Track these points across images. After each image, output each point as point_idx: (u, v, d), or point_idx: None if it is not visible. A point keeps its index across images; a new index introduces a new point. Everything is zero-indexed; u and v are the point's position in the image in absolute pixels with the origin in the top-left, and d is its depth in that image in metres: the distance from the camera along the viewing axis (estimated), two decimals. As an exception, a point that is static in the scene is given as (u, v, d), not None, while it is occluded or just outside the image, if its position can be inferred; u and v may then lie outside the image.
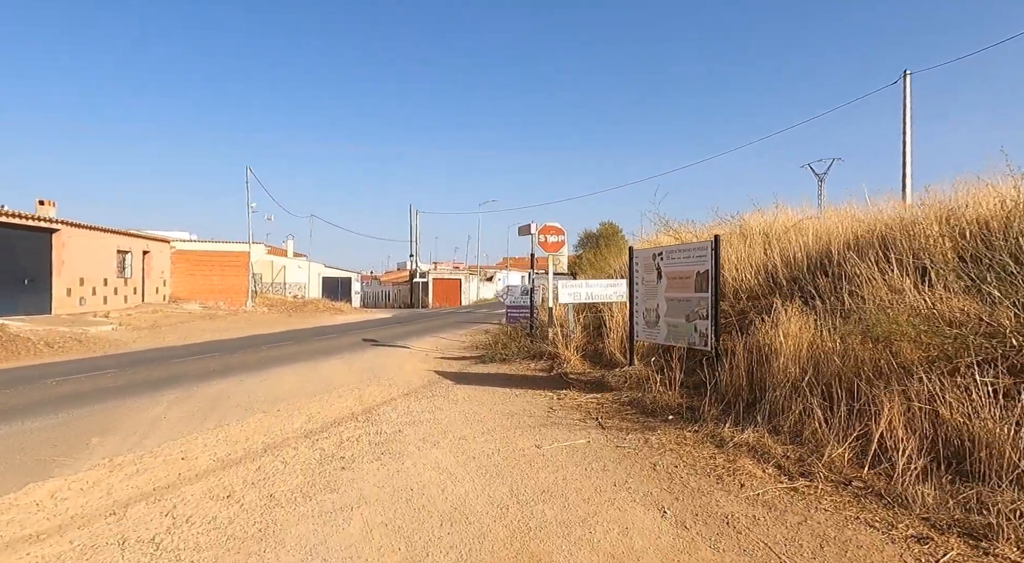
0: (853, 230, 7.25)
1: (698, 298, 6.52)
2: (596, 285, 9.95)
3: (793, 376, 5.07)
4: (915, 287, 5.25)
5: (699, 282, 6.52)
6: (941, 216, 6.33)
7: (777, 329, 5.94)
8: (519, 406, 6.65)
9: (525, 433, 5.37)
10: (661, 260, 7.25)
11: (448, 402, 7.05)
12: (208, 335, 16.84)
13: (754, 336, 6.50)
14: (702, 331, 6.43)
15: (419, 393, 7.72)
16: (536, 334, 11.41)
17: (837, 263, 6.88)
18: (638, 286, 7.79)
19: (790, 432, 4.51)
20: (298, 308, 29.79)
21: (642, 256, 7.73)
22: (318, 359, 11.35)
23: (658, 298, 7.29)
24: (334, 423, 6.06)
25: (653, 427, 5.22)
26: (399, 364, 10.58)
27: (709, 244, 6.36)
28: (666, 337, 7.14)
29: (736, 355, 5.72)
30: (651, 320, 7.44)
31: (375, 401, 7.25)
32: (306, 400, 7.27)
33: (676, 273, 6.93)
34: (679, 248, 6.94)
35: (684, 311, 6.75)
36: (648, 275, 7.54)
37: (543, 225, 10.92)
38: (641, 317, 7.68)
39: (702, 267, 6.47)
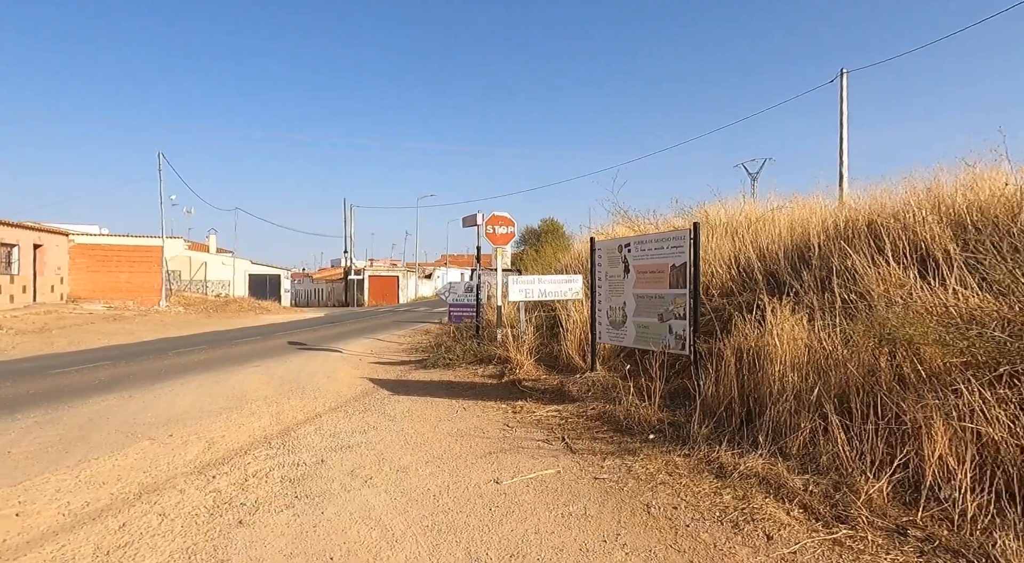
0: (834, 219, 6.69)
1: (673, 295, 5.76)
2: (549, 281, 9.12)
3: (793, 386, 4.36)
4: (923, 282, 4.66)
5: (674, 276, 5.76)
6: (928, 204, 5.83)
7: (766, 330, 5.24)
8: (469, 423, 5.69)
9: (479, 461, 4.42)
10: (628, 252, 6.46)
11: (385, 418, 6.01)
12: (107, 339, 14.92)
13: (736, 338, 5.80)
14: (678, 332, 5.67)
15: (350, 407, 6.63)
16: (483, 335, 10.46)
17: (820, 255, 6.30)
18: (601, 282, 6.99)
19: (801, 456, 3.77)
20: (219, 308, 27.59)
21: (606, 248, 6.92)
22: (233, 367, 9.97)
23: (625, 295, 6.50)
24: (240, 451, 4.91)
25: (633, 450, 4.38)
26: (328, 371, 9.38)
27: (687, 233, 5.61)
28: (635, 339, 6.35)
29: (724, 361, 4.97)
30: (617, 320, 6.65)
31: (296, 419, 6.12)
32: (209, 420, 6.04)
33: (647, 267, 6.15)
34: (650, 238, 6.17)
35: (656, 310, 5.98)
36: (613, 269, 6.74)
37: (491, 215, 9.99)
38: (605, 317, 6.88)
39: (678, 260, 5.71)
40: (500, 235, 9.96)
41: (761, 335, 5.43)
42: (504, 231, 9.98)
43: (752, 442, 4.06)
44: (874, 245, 5.65)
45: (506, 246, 10.09)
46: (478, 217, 10.54)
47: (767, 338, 5.21)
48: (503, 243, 10.02)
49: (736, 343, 5.56)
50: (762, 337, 5.37)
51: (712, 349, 5.56)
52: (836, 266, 5.77)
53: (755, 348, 5.17)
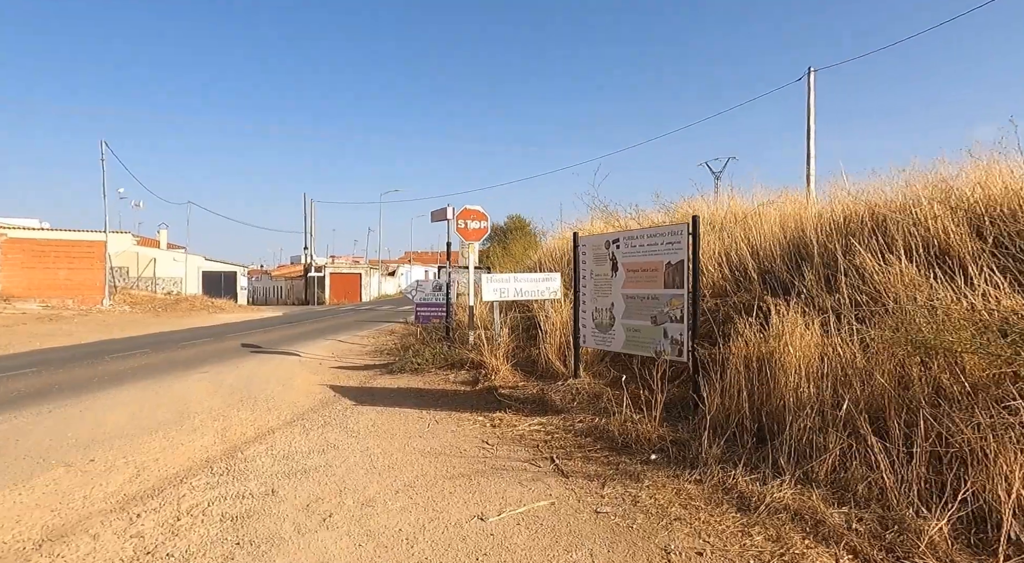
0: (832, 213, 6.31)
1: (669, 296, 5.26)
2: (526, 279, 8.56)
3: (811, 398, 3.90)
4: (946, 282, 4.26)
5: (670, 275, 5.27)
6: (939, 197, 5.49)
7: (771, 335, 4.79)
8: (443, 439, 5.09)
9: (458, 489, 3.83)
10: (617, 249, 5.95)
11: (347, 435, 5.36)
12: (39, 341, 13.72)
13: (737, 343, 5.34)
14: (675, 337, 5.18)
15: (308, 421, 5.94)
16: (454, 338, 9.83)
17: (820, 252, 5.90)
18: (585, 281, 6.46)
19: (832, 482, 3.30)
20: (169, 306, 26.16)
21: (591, 244, 6.40)
22: (177, 373, 9.10)
23: (613, 295, 5.99)
24: (175, 479, 4.20)
25: (635, 473, 3.85)
26: (284, 378, 8.62)
27: (684, 228, 5.12)
28: (624, 344, 5.85)
29: (729, 369, 4.49)
30: (603, 322, 6.13)
31: (245, 436, 5.41)
32: (142, 440, 5.28)
33: (638, 265, 5.65)
34: (642, 233, 5.66)
35: (649, 312, 5.48)
36: (599, 267, 6.22)
37: (462, 208, 9.37)
38: (590, 319, 6.35)
39: (674, 257, 5.22)
40: (472, 230, 9.35)
41: (765, 340, 4.99)
42: (476, 226, 9.37)
43: (772, 465, 3.58)
44: (882, 241, 5.26)
45: (478, 242, 9.48)
46: (448, 211, 9.90)
47: (774, 344, 4.76)
48: (475, 239, 9.41)
49: (738, 349, 5.10)
50: (766, 342, 4.93)
51: (712, 356, 5.09)
52: (842, 264, 5.37)
53: (761, 355, 4.71)
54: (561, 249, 12.03)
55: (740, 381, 4.36)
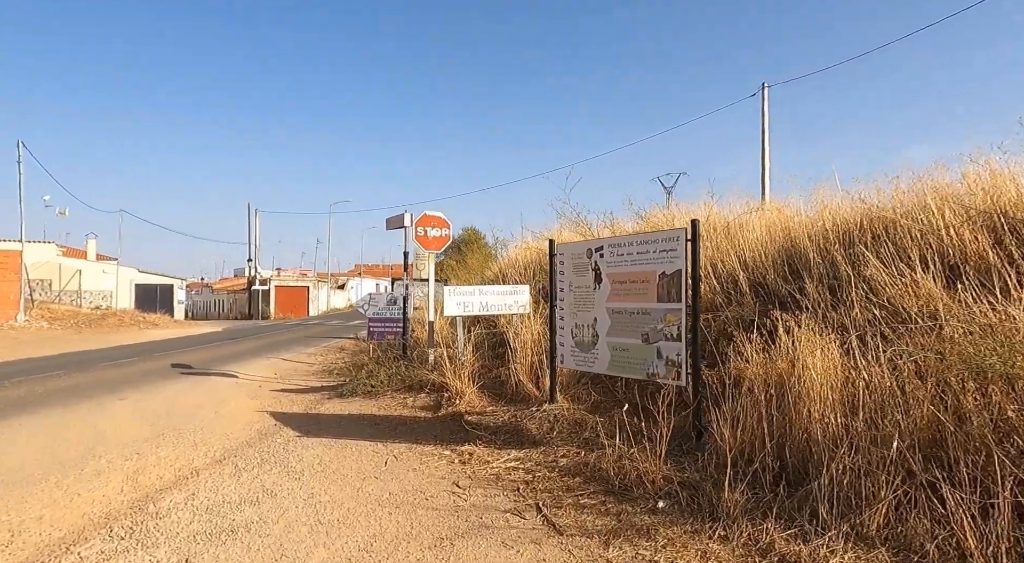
0: (829, 222, 5.89)
1: (663, 310, 4.67)
2: (492, 292, 7.88)
3: (838, 431, 3.36)
4: (983, 295, 3.82)
5: (664, 287, 4.68)
6: (945, 204, 5.12)
7: (781, 354, 4.26)
8: (405, 480, 4.32)
9: (427, 557, 3.08)
10: (600, 257, 5.34)
11: (288, 476, 4.53)
12: (-68, 363, 12.12)
13: (739, 363, 4.80)
14: (671, 358, 4.59)
15: (242, 458, 5.07)
16: (412, 356, 9.01)
17: (819, 263, 5.45)
18: (563, 294, 5.83)
19: (891, 540, 2.72)
20: (95, 322, 24.21)
21: (569, 253, 5.78)
22: (91, 400, 7.97)
23: (596, 310, 5.37)
24: (59, 548, 3.31)
25: (643, 528, 3.20)
26: (218, 404, 7.64)
27: (681, 234, 4.55)
28: (610, 365, 5.22)
29: (741, 395, 3.91)
30: (584, 340, 5.50)
31: (162, 481, 4.51)
32: (27, 490, 4.31)
33: (626, 275, 5.05)
34: (631, 240, 5.07)
35: (640, 329, 4.88)
36: (579, 278, 5.60)
37: (422, 215, 8.63)
38: (569, 336, 5.71)
39: (669, 266, 4.64)
40: (433, 238, 8.62)
41: (771, 360, 4.46)
42: (437, 234, 8.64)
43: (810, 516, 2.99)
44: (891, 250, 4.83)
45: (439, 251, 8.75)
46: (405, 218, 9.15)
47: (784, 365, 4.23)
48: (436, 248, 8.67)
49: (743, 371, 4.55)
50: (773, 362, 4.40)
51: (710, 378, 4.53)
52: (848, 276, 4.92)
53: (770, 378, 4.17)
54: (526, 260, 11.43)
55: (755, 409, 3.78)
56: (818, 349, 3.87)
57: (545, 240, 10.75)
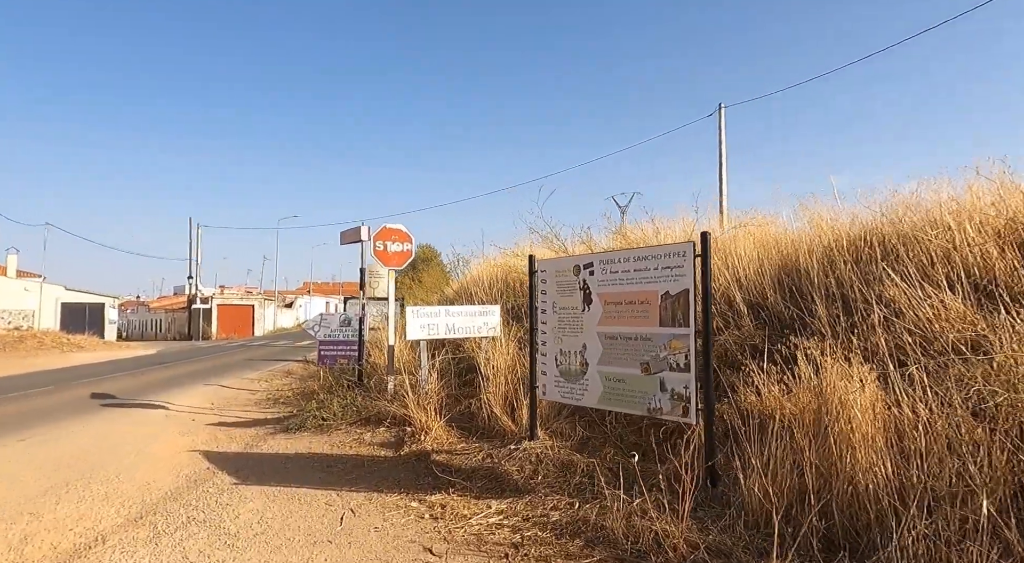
0: (837, 237, 5.48)
1: (667, 336, 4.10)
2: (460, 313, 7.21)
3: (891, 484, 2.83)
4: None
5: (668, 309, 4.12)
6: (962, 220, 4.78)
7: (801, 387, 3.76)
8: (365, 546, 3.58)
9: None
10: (590, 275, 4.76)
11: (219, 542, 3.71)
12: None
13: (747, 396, 4.28)
14: (678, 391, 4.01)
15: (162, 516, 4.21)
16: (369, 385, 8.19)
17: (824, 283, 5.02)
18: (545, 316, 5.21)
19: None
20: (10, 345, 22.19)
21: (553, 269, 5.17)
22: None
23: (585, 335, 4.77)
24: None
25: (674, 613, 2.57)
26: (141, 442, 6.65)
27: (689, 248, 4.01)
28: (601, 398, 4.61)
29: (770, 437, 3.35)
30: (571, 369, 4.88)
31: (55, 553, 3.61)
32: None
33: (622, 296, 4.48)
34: (627, 256, 4.51)
35: (639, 356, 4.30)
36: (565, 298, 4.99)
37: (381, 228, 7.90)
38: (552, 364, 5.09)
39: (674, 285, 4.09)
40: (393, 254, 7.88)
41: (789, 392, 3.95)
42: (398, 248, 7.92)
43: (885, 597, 2.42)
44: (912, 269, 4.42)
45: (400, 267, 8.02)
46: (362, 231, 8.40)
47: (807, 399, 3.72)
48: (397, 264, 7.94)
49: (751, 404, 4.03)
50: (793, 396, 3.89)
51: (720, 413, 3.98)
52: (861, 295, 4.48)
53: (800, 415, 3.64)
54: (491, 277, 10.79)
55: (788, 454, 3.23)
56: (855, 381, 3.36)
57: (514, 256, 10.18)
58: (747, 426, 3.67)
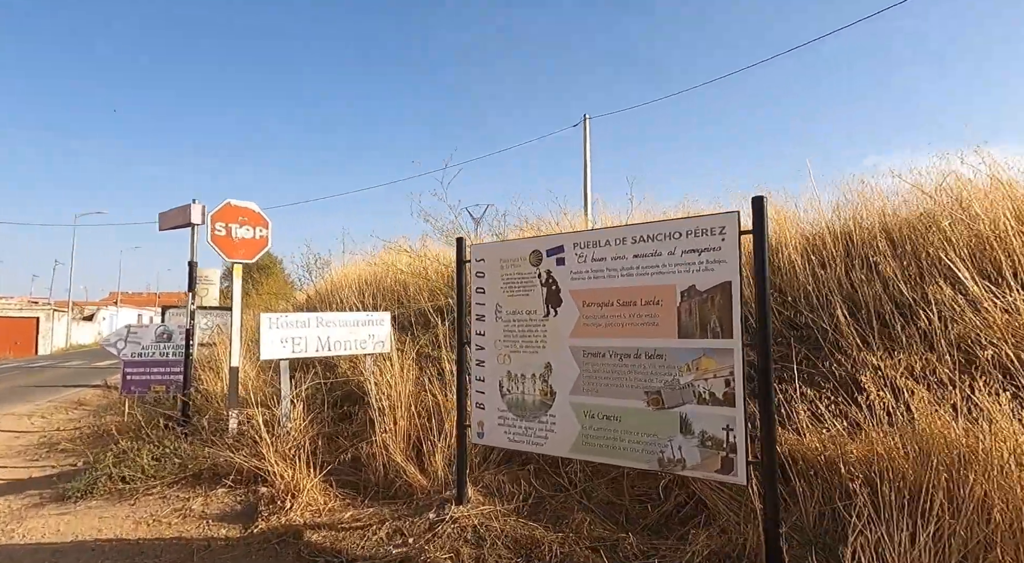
0: (842, 229, 4.61)
1: (694, 352, 2.84)
2: (338, 323, 5.46)
3: None
4: None
5: (694, 313, 2.86)
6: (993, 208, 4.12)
7: (906, 426, 2.71)
8: None
9: None
10: (558, 264, 3.38)
11: None
12: None
13: (786, 435, 3.17)
14: (713, 434, 2.74)
15: None
16: (200, 423, 5.97)
17: (842, 282, 4.11)
18: (483, 323, 3.72)
19: None
20: None
21: (496, 257, 3.71)
22: None
23: (549, 351, 3.37)
24: None
25: None
26: None
27: (731, 221, 2.79)
28: (578, 444, 3.22)
29: (887, 509, 2.19)
30: (527, 400, 3.45)
31: None
32: None
33: (614, 294, 3.15)
34: (625, 235, 3.17)
35: (644, 382, 2.99)
36: (517, 299, 3.56)
37: (223, 205, 5.85)
38: (496, 392, 3.61)
39: (704, 277, 2.84)
40: (240, 241, 5.86)
41: (857, 430, 2.89)
42: (248, 234, 5.91)
43: None
44: (946, 265, 3.61)
45: (251, 261, 6.01)
46: (193, 211, 6.25)
47: (897, 441, 2.68)
48: (248, 256, 5.92)
49: (790, 447, 2.92)
50: (861, 435, 2.83)
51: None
52: (909, 300, 3.59)
53: (897, 463, 2.56)
54: (365, 277, 8.99)
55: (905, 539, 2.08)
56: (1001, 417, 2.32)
57: (399, 251, 8.49)
58: (799, 479, 2.52)
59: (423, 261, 7.79)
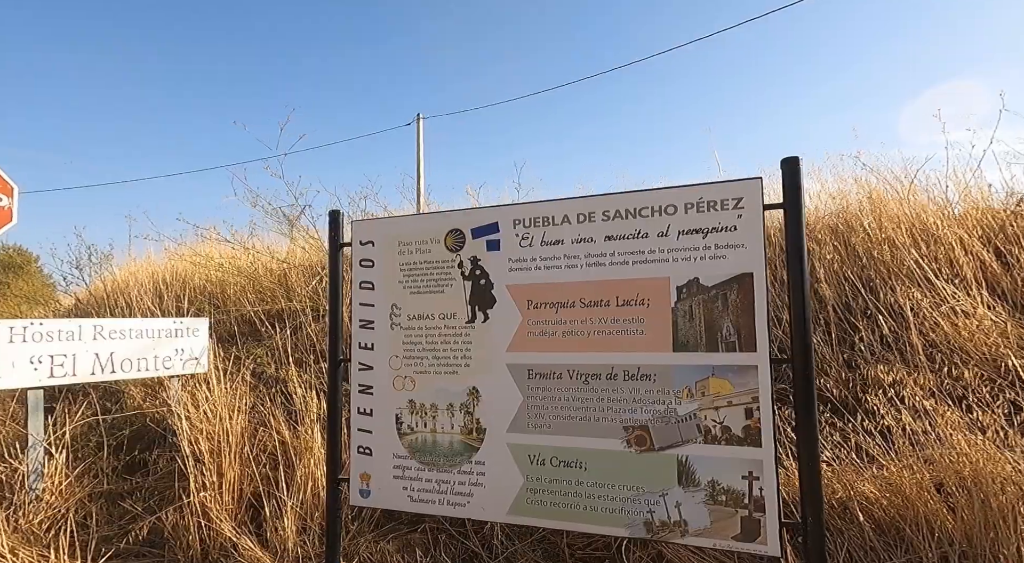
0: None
1: (698, 370, 2.08)
2: (124, 332, 3.92)
3: None
4: None
5: (696, 318, 2.11)
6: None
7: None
8: None
9: None
10: (490, 248, 2.44)
11: None
12: None
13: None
14: (727, 485, 2.00)
15: None
16: None
17: (838, 283, 3.68)
18: (373, 331, 2.64)
19: None
20: None
21: (394, 238, 2.64)
22: None
23: (473, 371, 2.41)
24: None
25: None
26: None
27: (752, 189, 2.08)
28: (520, 502, 2.30)
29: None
30: (440, 442, 2.45)
31: None
32: None
33: (575, 290, 2.29)
34: (595, 208, 2.31)
35: (622, 413, 2.17)
36: (422, 298, 2.54)
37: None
38: (391, 432, 2.54)
39: (713, 267, 2.10)
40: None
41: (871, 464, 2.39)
42: (-20, 203, 4.07)
43: None
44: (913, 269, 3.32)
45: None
46: None
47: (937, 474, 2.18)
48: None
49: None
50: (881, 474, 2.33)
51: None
52: (893, 304, 3.22)
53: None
54: (166, 275, 7.11)
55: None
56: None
57: (219, 241, 6.81)
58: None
59: (251, 255, 6.29)
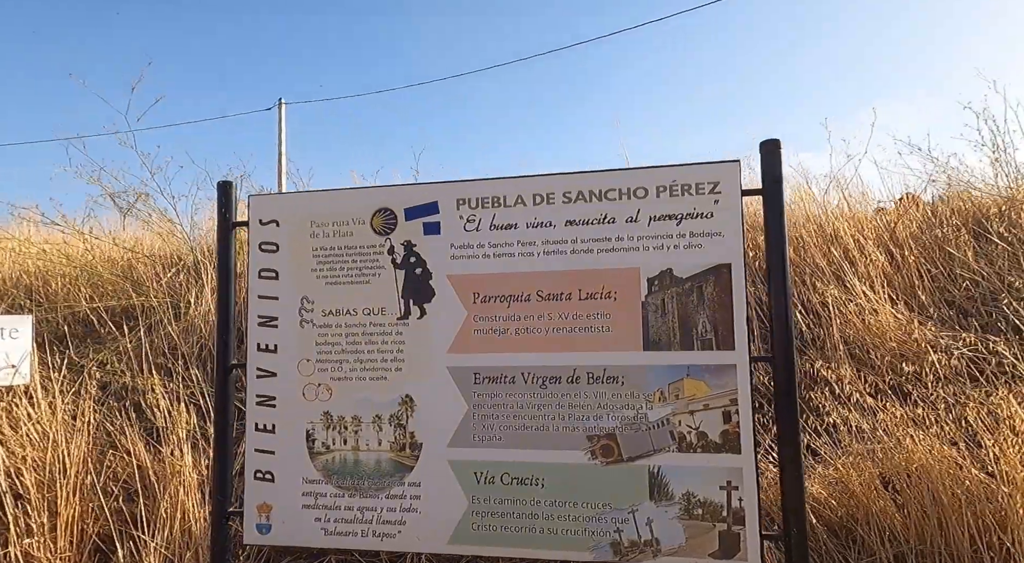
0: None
1: (672, 371, 1.89)
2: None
3: None
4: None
5: (669, 313, 1.91)
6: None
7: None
8: None
9: None
10: (428, 232, 2.09)
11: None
12: None
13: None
14: (702, 497, 1.82)
15: None
16: None
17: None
18: (277, 330, 2.17)
19: None
20: None
21: (301, 215, 2.20)
22: None
23: (406, 376, 2.06)
24: None
25: None
26: None
27: (729, 172, 1.91)
28: (465, 529, 1.97)
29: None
30: (364, 462, 2.06)
31: None
32: None
33: (531, 282, 2.00)
34: (553, 188, 2.03)
35: (588, 420, 1.92)
36: (341, 288, 2.14)
37: None
38: (300, 451, 2.10)
39: (686, 258, 1.92)
40: None
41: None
42: None
43: None
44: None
45: None
46: None
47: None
48: None
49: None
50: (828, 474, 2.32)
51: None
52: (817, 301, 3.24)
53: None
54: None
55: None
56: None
57: (43, 222, 5.69)
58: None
59: (85, 240, 5.33)
